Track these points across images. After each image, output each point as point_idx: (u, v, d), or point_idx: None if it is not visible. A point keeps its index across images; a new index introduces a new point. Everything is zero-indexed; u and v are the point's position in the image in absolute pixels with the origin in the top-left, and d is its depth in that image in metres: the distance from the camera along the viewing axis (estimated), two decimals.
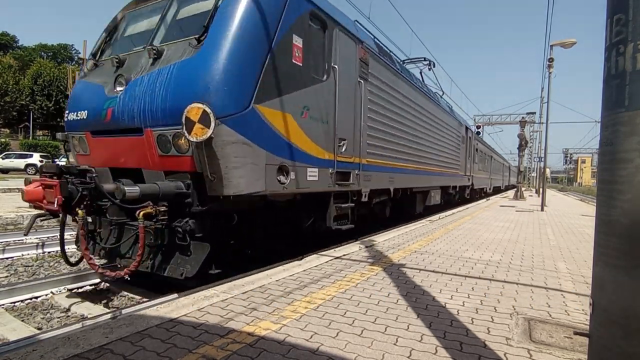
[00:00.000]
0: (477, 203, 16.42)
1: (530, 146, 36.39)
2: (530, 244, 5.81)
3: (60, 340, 2.12)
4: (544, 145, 15.33)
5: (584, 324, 2.54)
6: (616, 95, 1.26)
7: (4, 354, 1.95)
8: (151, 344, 2.11)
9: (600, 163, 1.36)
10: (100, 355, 1.97)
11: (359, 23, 6.42)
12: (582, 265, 4.42)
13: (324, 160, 4.95)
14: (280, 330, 2.34)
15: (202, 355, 1.99)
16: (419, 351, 2.11)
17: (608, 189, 1.31)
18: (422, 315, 2.65)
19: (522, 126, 19.36)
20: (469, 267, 4.13)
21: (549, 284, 3.56)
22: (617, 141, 1.26)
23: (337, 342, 2.18)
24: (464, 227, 7.61)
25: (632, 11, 1.20)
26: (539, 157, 30.11)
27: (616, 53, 1.25)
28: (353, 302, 2.89)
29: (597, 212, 1.38)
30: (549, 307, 2.92)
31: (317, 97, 4.79)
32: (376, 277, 3.64)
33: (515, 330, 2.43)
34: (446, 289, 3.29)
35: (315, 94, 4.74)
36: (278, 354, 2.02)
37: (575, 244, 5.98)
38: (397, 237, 6.15)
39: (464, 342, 2.23)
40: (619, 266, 1.25)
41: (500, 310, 2.80)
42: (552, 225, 8.66)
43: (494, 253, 5.00)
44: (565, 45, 13.24)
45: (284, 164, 4.18)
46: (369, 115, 6.17)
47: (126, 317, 2.49)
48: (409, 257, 4.56)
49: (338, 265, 4.11)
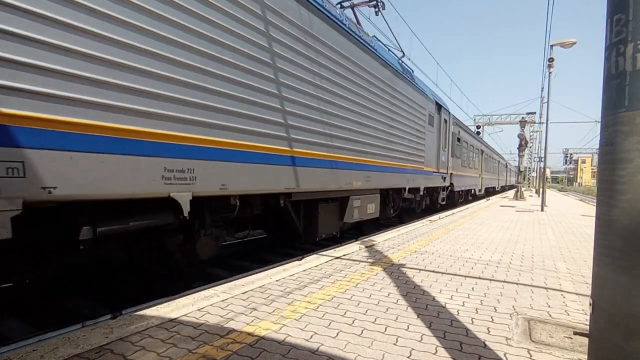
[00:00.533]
0: (477, 203, 16.41)
1: (531, 146, 36.41)
2: (530, 244, 5.81)
3: (60, 340, 2.12)
4: (544, 145, 15.29)
5: (584, 324, 2.54)
6: (616, 95, 1.26)
7: (4, 354, 1.94)
8: (151, 344, 2.11)
9: (600, 163, 1.37)
10: (100, 355, 1.97)
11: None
12: (582, 265, 4.42)
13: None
14: (280, 330, 2.34)
15: (202, 355, 1.99)
16: (419, 351, 2.11)
17: (608, 189, 1.31)
18: (422, 315, 2.65)
19: (522, 126, 19.35)
20: (469, 267, 4.13)
21: (549, 284, 3.56)
22: (617, 141, 1.26)
23: (337, 342, 2.18)
24: (464, 227, 7.61)
25: (632, 11, 1.20)
26: (539, 157, 30.10)
27: (616, 53, 1.26)
28: (353, 302, 2.89)
29: (597, 212, 1.38)
30: (549, 307, 2.92)
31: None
32: (376, 277, 3.64)
33: (515, 330, 2.43)
34: (446, 289, 3.29)
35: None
36: (278, 354, 2.02)
37: (575, 244, 5.98)
38: (397, 237, 6.15)
39: (463, 342, 2.23)
40: (619, 266, 1.25)
41: (500, 310, 2.80)
42: (552, 225, 8.66)
43: (494, 253, 5.00)
44: (565, 45, 13.24)
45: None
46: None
47: (126, 317, 2.49)
48: (409, 257, 4.56)
49: (338, 265, 4.11)
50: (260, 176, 3.95)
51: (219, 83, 3.40)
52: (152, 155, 2.82)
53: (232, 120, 3.56)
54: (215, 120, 3.37)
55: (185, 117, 3.08)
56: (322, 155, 5.04)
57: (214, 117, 3.36)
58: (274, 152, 4.13)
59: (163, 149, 2.91)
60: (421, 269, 3.98)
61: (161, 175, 2.89)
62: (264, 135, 3.97)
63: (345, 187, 5.67)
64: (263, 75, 3.92)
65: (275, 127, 4.13)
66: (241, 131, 3.67)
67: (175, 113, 3.00)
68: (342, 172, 5.52)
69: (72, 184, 2.36)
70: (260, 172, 3.95)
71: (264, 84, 3.95)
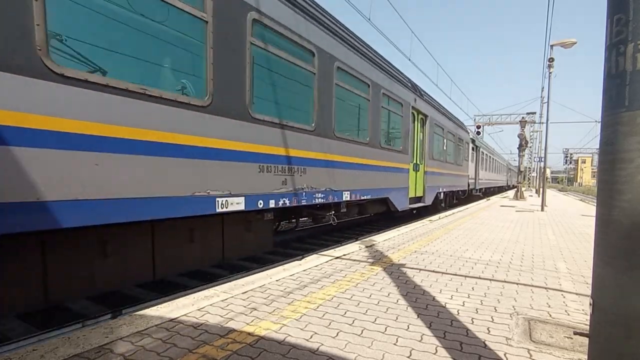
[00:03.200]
0: (477, 203, 16.40)
1: (531, 146, 36.39)
2: (531, 244, 5.80)
3: (60, 340, 2.12)
4: (544, 145, 15.28)
5: (584, 324, 2.54)
6: (616, 95, 1.26)
7: (4, 354, 1.95)
8: (151, 344, 2.11)
9: (600, 163, 1.36)
10: (100, 355, 1.97)
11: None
12: (582, 265, 4.42)
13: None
14: (280, 330, 2.34)
15: (202, 355, 1.99)
16: (419, 351, 2.10)
17: (608, 189, 1.31)
18: (422, 315, 2.65)
19: (522, 126, 19.33)
20: (469, 267, 4.13)
21: (549, 284, 3.56)
22: (617, 141, 1.26)
23: (337, 342, 2.18)
24: (464, 227, 7.61)
25: (632, 11, 1.20)
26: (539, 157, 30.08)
27: (616, 53, 1.26)
28: (353, 302, 2.89)
29: (597, 212, 1.38)
30: (549, 307, 2.91)
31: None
32: (376, 277, 3.64)
33: (516, 330, 2.43)
34: (446, 289, 3.29)
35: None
36: (278, 354, 2.02)
37: (575, 244, 5.98)
38: (397, 237, 6.15)
39: (464, 342, 2.23)
40: (619, 266, 1.25)
41: (501, 310, 2.80)
42: (552, 225, 8.65)
43: (494, 253, 4.99)
44: (566, 45, 13.24)
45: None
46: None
47: (126, 317, 2.49)
48: (409, 257, 4.56)
49: (338, 265, 4.11)
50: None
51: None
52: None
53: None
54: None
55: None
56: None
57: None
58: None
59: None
60: (421, 269, 3.98)
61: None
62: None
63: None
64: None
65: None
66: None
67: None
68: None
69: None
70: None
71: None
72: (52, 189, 2.57)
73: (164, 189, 3.32)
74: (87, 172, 2.75)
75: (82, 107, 2.71)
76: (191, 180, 3.57)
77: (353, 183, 6.63)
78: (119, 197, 2.97)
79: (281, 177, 4.82)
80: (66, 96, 2.61)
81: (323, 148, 5.75)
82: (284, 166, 4.87)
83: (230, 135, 4.02)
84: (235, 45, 4.06)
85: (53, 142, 2.55)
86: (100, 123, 2.83)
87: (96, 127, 2.81)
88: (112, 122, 2.91)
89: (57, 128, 2.58)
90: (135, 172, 3.07)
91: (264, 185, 4.54)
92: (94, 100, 2.78)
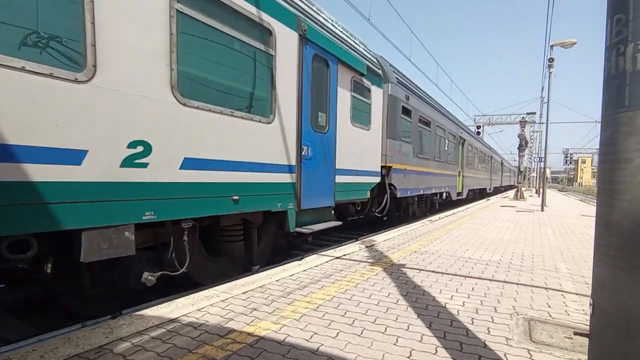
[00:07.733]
0: (477, 203, 16.41)
1: (531, 146, 36.40)
2: (531, 244, 5.80)
3: (60, 340, 2.12)
4: (544, 145, 15.29)
5: (584, 324, 2.54)
6: (616, 95, 1.26)
7: (4, 354, 1.94)
8: (151, 344, 2.11)
9: (600, 163, 1.36)
10: (100, 355, 1.97)
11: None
12: (582, 266, 4.42)
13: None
14: (280, 330, 2.34)
15: (202, 355, 1.99)
16: (419, 351, 2.10)
17: (608, 189, 1.31)
18: (422, 316, 2.65)
19: (522, 126, 19.34)
20: (469, 267, 4.13)
21: (549, 284, 3.56)
22: (617, 141, 1.26)
23: (337, 342, 2.18)
24: (464, 227, 7.61)
25: (632, 11, 1.20)
26: (539, 157, 30.09)
27: (616, 53, 1.26)
28: (353, 302, 2.89)
29: (597, 212, 1.38)
30: (549, 307, 2.91)
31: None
32: (376, 277, 3.64)
33: (516, 331, 2.43)
34: (446, 289, 3.29)
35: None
36: (278, 354, 2.02)
37: (575, 244, 5.98)
38: (397, 237, 6.15)
39: (464, 342, 2.23)
40: (619, 266, 1.25)
41: (501, 311, 2.80)
42: (552, 225, 8.65)
43: (494, 253, 4.99)
44: (565, 45, 13.24)
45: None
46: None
47: (126, 317, 2.49)
48: (409, 257, 4.56)
49: (338, 265, 4.11)
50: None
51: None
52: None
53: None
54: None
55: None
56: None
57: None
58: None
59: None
60: (421, 269, 3.98)
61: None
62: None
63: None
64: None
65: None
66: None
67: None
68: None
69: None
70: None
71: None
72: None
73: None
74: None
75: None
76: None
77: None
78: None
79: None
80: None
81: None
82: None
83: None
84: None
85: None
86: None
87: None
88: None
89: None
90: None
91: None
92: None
